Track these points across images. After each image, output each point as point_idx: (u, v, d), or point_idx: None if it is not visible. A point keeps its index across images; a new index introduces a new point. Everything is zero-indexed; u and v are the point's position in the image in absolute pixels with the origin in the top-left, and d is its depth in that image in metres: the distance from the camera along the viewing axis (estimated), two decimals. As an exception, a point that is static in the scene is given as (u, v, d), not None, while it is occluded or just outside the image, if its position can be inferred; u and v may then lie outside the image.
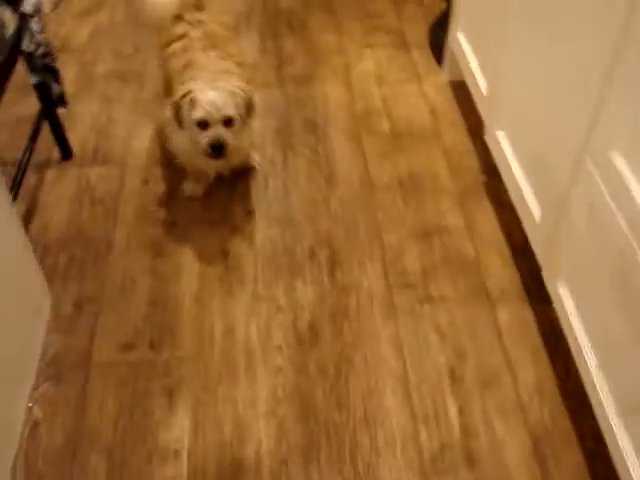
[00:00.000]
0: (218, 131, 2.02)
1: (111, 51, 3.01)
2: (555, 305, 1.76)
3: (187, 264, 2.13)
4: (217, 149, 2.03)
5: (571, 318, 1.66)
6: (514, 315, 1.98)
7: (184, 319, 1.97)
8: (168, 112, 2.13)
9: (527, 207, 1.90)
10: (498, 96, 2.16)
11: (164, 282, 2.07)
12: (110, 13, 3.26)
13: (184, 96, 2.01)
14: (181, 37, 2.22)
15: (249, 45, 3.03)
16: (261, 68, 2.91)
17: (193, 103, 1.99)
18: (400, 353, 1.90)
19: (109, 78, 2.85)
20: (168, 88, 2.22)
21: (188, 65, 2.12)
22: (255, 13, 3.25)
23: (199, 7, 2.30)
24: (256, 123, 2.25)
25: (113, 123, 2.64)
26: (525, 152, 1.95)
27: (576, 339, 1.63)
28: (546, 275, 1.83)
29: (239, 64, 2.21)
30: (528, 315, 1.98)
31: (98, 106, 2.71)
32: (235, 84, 2.05)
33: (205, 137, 2.02)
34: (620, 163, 1.40)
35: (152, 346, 1.92)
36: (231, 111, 2.02)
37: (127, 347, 1.92)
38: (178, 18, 2.27)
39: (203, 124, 2.01)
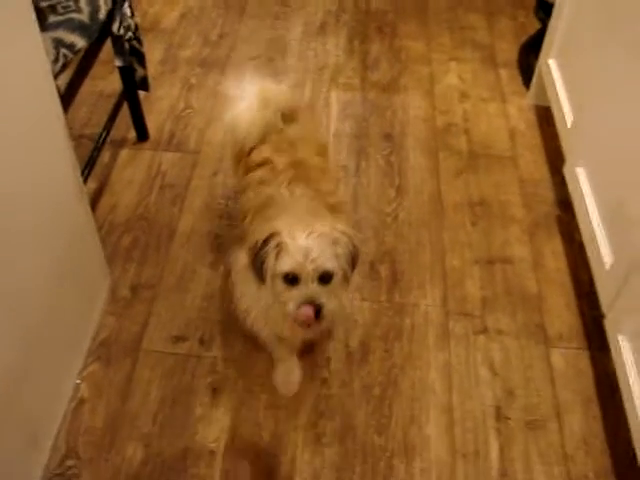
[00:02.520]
0: (312, 289, 1.49)
1: (198, 36, 3.01)
2: (614, 357, 1.71)
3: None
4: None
5: (629, 374, 1.61)
6: (570, 359, 1.92)
7: (237, 319, 1.97)
8: (242, 259, 1.65)
9: (598, 251, 1.84)
10: (583, 130, 2.10)
11: (222, 278, 2.08)
12: (201, -3, 3.28)
13: (267, 240, 1.50)
14: (262, 164, 1.77)
15: (335, 44, 3.00)
16: (344, 69, 2.88)
17: (279, 250, 1.49)
18: (448, 383, 1.87)
19: (192, 64, 2.86)
20: (241, 227, 1.78)
21: (267, 204, 1.67)
22: (346, 12, 3.22)
23: (290, 119, 1.89)
24: (356, 278, 1.71)
25: (191, 111, 2.65)
26: (604, 194, 1.89)
27: (632, 397, 1.58)
28: (608, 324, 1.77)
29: (333, 207, 1.70)
30: (584, 361, 1.92)
31: (178, 91, 2.73)
32: (337, 227, 1.52)
33: (294, 297, 1.49)
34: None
35: (202, 342, 1.93)
36: (330, 264, 1.49)
37: (178, 339, 1.94)
38: (263, 140, 1.84)
39: (292, 279, 1.49)
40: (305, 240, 1.47)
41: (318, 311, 1.48)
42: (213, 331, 1.95)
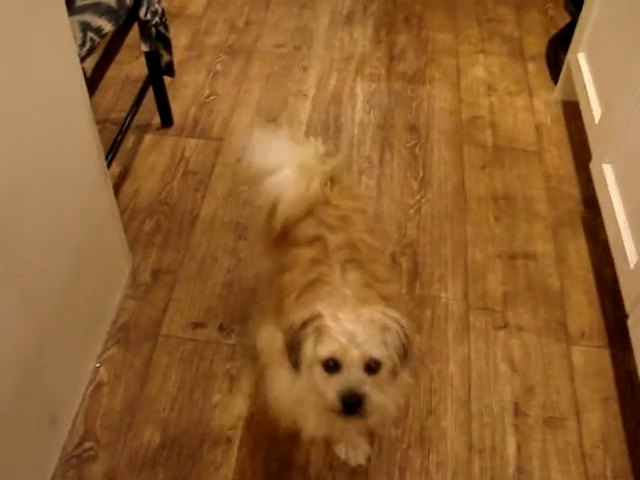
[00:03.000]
0: (355, 377, 1.28)
1: (224, 23, 3.01)
2: (636, 356, 1.69)
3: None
4: (351, 406, 1.29)
5: (651, 375, 1.59)
6: (591, 357, 1.91)
7: (257, 307, 1.97)
8: (275, 339, 1.48)
9: (623, 250, 1.82)
10: (611, 127, 2.07)
11: (243, 266, 2.08)
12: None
13: (307, 322, 1.32)
14: (312, 242, 1.55)
15: (362, 34, 2.98)
16: (371, 59, 2.87)
17: (320, 333, 1.30)
18: (467, 377, 1.86)
19: (218, 51, 2.86)
20: (278, 304, 1.56)
21: (316, 283, 1.47)
22: (373, 2, 3.20)
23: (334, 185, 1.65)
24: (406, 376, 1.45)
25: (216, 97, 2.65)
26: (632, 192, 1.87)
27: (653, 398, 1.56)
28: (631, 323, 1.75)
29: (387, 298, 1.47)
30: (605, 360, 1.90)
31: (203, 78, 2.72)
32: (387, 313, 1.33)
33: (333, 385, 1.29)
34: None
35: (222, 328, 1.93)
36: (378, 351, 1.29)
37: (197, 325, 1.94)
38: (308, 213, 1.60)
39: (333, 365, 1.29)
40: (350, 324, 1.28)
41: (361, 403, 1.28)
42: (232, 318, 1.95)
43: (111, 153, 2.11)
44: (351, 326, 1.28)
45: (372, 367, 1.29)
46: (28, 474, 1.57)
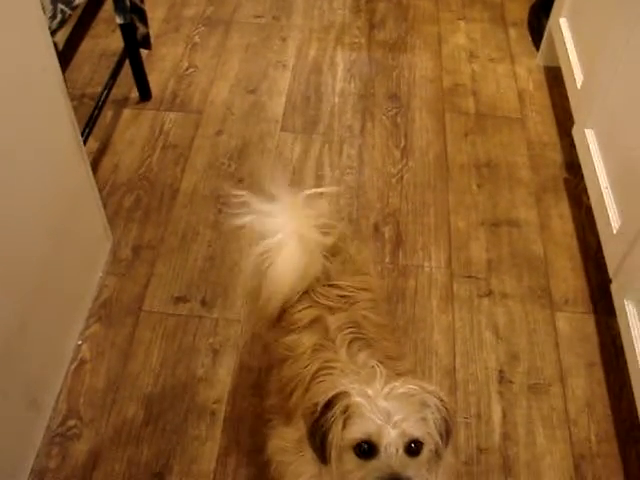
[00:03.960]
0: (395, 461, 1.07)
1: (202, -7, 2.96)
2: (619, 321, 1.69)
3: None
4: None
5: (635, 339, 1.59)
6: (575, 323, 1.90)
7: (239, 281, 1.95)
8: (290, 433, 1.31)
9: (606, 215, 1.81)
10: (593, 91, 2.05)
11: (225, 239, 2.06)
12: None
13: (331, 402, 1.12)
14: (311, 325, 1.38)
15: (341, 2, 2.94)
16: (350, 28, 2.83)
17: (349, 414, 1.11)
18: (452, 346, 1.85)
19: (196, 22, 2.81)
20: (283, 404, 1.38)
21: (322, 372, 1.29)
22: (353, -30, 3.15)
23: (333, 255, 1.46)
24: (448, 456, 1.24)
25: (194, 70, 2.61)
26: (614, 156, 1.85)
27: (637, 361, 1.56)
28: (615, 288, 1.74)
29: (402, 376, 1.22)
30: (589, 326, 1.90)
31: (182, 51, 2.68)
32: (423, 386, 1.15)
33: (371, 472, 1.08)
34: None
35: (204, 303, 1.92)
36: (418, 430, 1.10)
37: (179, 300, 1.92)
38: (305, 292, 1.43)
39: (367, 449, 1.09)
40: (384, 400, 1.10)
41: None
42: (215, 292, 1.94)
43: (88, 128, 2.07)
44: (385, 402, 1.10)
45: (413, 449, 1.09)
46: (12, 453, 1.55)
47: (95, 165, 2.20)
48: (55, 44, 1.62)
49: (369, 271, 1.54)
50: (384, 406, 1.09)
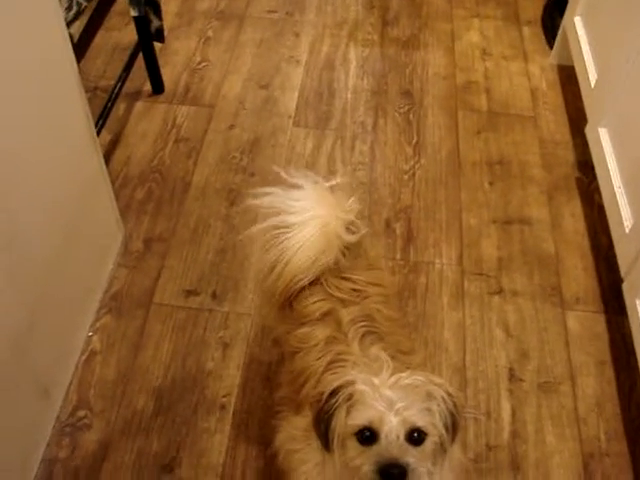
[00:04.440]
0: (395, 447, 1.07)
1: (215, -12, 2.97)
2: (630, 320, 1.68)
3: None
4: (392, 478, 1.06)
5: (646, 339, 1.59)
6: (585, 322, 1.90)
7: (250, 275, 1.95)
8: (298, 421, 1.32)
9: (618, 214, 1.80)
10: (607, 90, 2.05)
11: (236, 233, 2.06)
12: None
13: (337, 390, 1.13)
14: (323, 318, 1.38)
15: (354, 1, 2.94)
16: (364, 25, 2.83)
17: (353, 402, 1.12)
18: (462, 343, 1.85)
19: (209, 16, 2.81)
20: (294, 395, 1.38)
21: (335, 364, 1.30)
22: (367, -34, 3.15)
23: (350, 252, 1.45)
24: (458, 453, 1.25)
25: (207, 64, 2.61)
26: (628, 156, 1.85)
27: (647, 361, 1.56)
28: (626, 288, 1.74)
29: (414, 370, 1.20)
30: (600, 325, 1.89)
31: (195, 45, 2.68)
32: (430, 378, 1.14)
33: (371, 457, 1.08)
34: None
35: (215, 296, 1.92)
36: (422, 419, 1.09)
37: (190, 293, 1.93)
38: (315, 280, 1.42)
39: (369, 436, 1.09)
40: (388, 389, 1.10)
41: (403, 477, 1.06)
42: (226, 286, 1.94)
43: (101, 120, 2.08)
44: (389, 392, 1.10)
45: (415, 438, 1.09)
46: (23, 443, 1.56)
47: (107, 158, 2.21)
48: (70, 36, 1.63)
49: (381, 266, 1.54)
50: (388, 394, 1.09)
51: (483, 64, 2.69)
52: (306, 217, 1.40)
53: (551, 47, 2.74)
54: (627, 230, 1.75)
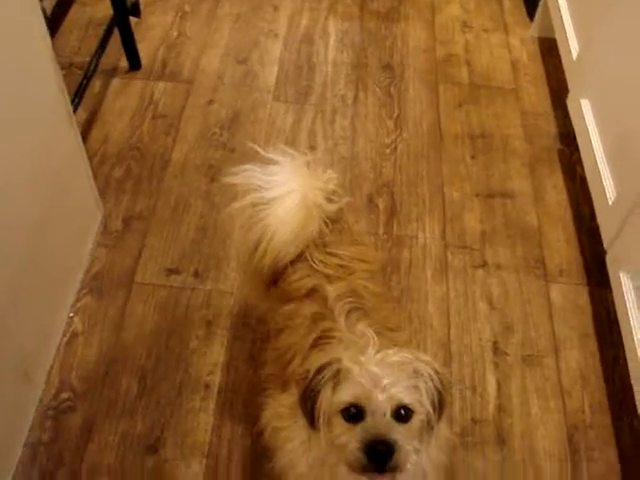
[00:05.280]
0: (382, 424, 1.06)
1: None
2: (614, 293, 1.68)
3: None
4: (379, 456, 1.05)
5: (630, 311, 1.59)
6: (569, 295, 1.90)
7: (232, 252, 1.93)
8: (284, 399, 1.30)
9: (601, 186, 1.80)
10: (589, 61, 2.03)
11: (217, 210, 2.03)
12: None
13: (323, 367, 1.12)
14: (309, 294, 1.36)
15: None
16: (343, -3, 2.79)
17: (339, 379, 1.10)
18: (446, 317, 1.84)
19: (187, -11, 2.77)
20: (281, 372, 1.36)
21: (321, 340, 1.28)
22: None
23: (333, 224, 1.43)
24: (444, 430, 1.26)
25: (185, 39, 2.57)
26: (610, 127, 1.84)
27: (631, 333, 1.56)
28: (609, 260, 1.74)
29: (400, 346, 1.20)
30: (583, 297, 1.90)
31: (171, 19, 2.64)
32: (418, 355, 1.13)
33: (357, 434, 1.07)
34: None
35: (197, 274, 1.90)
36: (408, 396, 1.08)
37: (171, 271, 1.91)
38: (300, 256, 1.40)
39: (355, 413, 1.08)
40: (375, 366, 1.08)
41: (390, 453, 1.05)
42: (207, 264, 1.92)
43: (77, 98, 2.04)
44: (376, 368, 1.08)
45: (402, 415, 1.08)
46: (5, 427, 1.54)
47: (85, 136, 2.17)
48: (43, 9, 1.59)
49: (365, 242, 1.53)
50: (374, 371, 1.08)
51: (463, 37, 2.67)
52: (283, 191, 1.38)
53: (532, 19, 2.72)
54: (610, 202, 1.75)
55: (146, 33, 2.57)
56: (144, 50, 2.47)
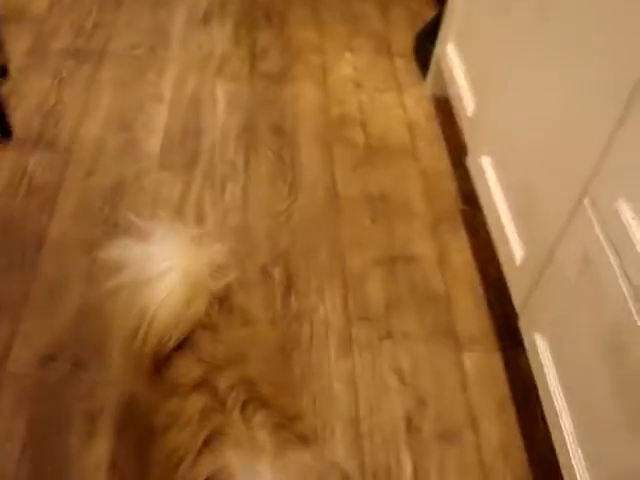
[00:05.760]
0: None
1: (71, 26, 2.75)
2: (530, 357, 1.58)
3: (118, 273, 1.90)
4: None
5: (547, 373, 1.49)
6: (482, 362, 1.79)
7: (116, 337, 1.74)
8: None
9: (508, 245, 1.72)
10: (486, 118, 1.98)
11: (99, 291, 1.84)
12: (74, -16, 3.01)
13: (212, 477, 1.01)
14: (198, 386, 1.18)
15: (220, 33, 2.80)
16: (231, 59, 2.69)
17: None
18: (354, 394, 1.70)
19: (65, 55, 2.60)
20: (170, 469, 1.15)
21: (213, 439, 1.10)
22: (231, 2, 3.02)
23: (221, 303, 1.28)
24: None
25: (62, 106, 2.39)
26: (512, 184, 1.77)
27: (550, 397, 1.45)
28: (523, 323, 1.64)
29: (305, 438, 1.15)
30: (497, 363, 1.79)
31: (48, 85, 2.46)
32: (321, 458, 1.04)
33: None
34: (625, 212, 1.22)
35: (76, 362, 1.70)
36: None
37: (48, 359, 1.70)
38: (185, 341, 1.23)
39: None
40: (273, 475, 0.95)
41: None
42: (89, 350, 1.72)
43: (-63, 171, 1.84)
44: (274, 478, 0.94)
45: None
46: None
47: (-52, 213, 1.96)
48: None
49: (259, 319, 1.38)
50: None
51: (357, 97, 2.60)
52: (163, 268, 1.23)
53: (425, 78, 2.68)
54: (518, 262, 1.66)
55: (19, 101, 2.38)
56: (17, 117, 2.28)
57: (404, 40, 2.90)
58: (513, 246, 1.70)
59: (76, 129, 2.31)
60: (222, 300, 1.27)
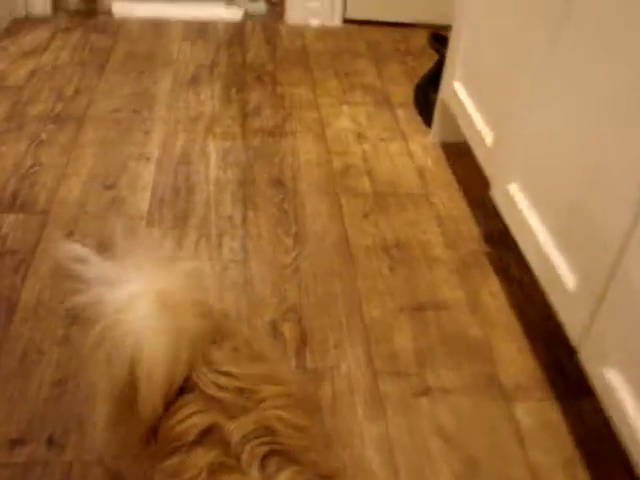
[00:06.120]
0: None
1: (50, 92, 2.57)
2: (601, 397, 1.31)
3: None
4: None
5: (627, 411, 1.21)
6: (537, 412, 1.51)
7: (98, 409, 1.46)
8: None
9: (555, 272, 1.47)
10: (509, 145, 1.77)
11: (77, 359, 1.57)
12: (54, 55, 2.85)
13: None
14: (204, 437, 0.92)
15: (209, 94, 2.63)
16: (222, 118, 2.50)
17: None
18: (391, 460, 1.41)
19: (44, 120, 2.40)
20: None
21: None
22: (220, 66, 2.86)
23: (232, 346, 1.02)
24: None
25: (40, 168, 2.17)
26: (550, 203, 1.54)
27: (636, 437, 1.18)
28: (585, 358, 1.37)
29: None
30: (554, 412, 1.51)
31: (25, 148, 2.25)
32: None
33: None
34: None
35: (51, 442, 1.41)
36: None
37: (16, 442, 1.40)
38: (186, 386, 0.97)
39: None
40: None
41: None
42: (66, 427, 1.43)
43: None
44: None
45: None
46: None
47: None
48: None
49: (275, 356, 1.11)
50: None
51: (360, 147, 2.40)
52: (143, 310, 0.98)
53: (429, 126, 2.50)
54: (571, 289, 1.41)
55: (-6, 163, 2.17)
56: (-11, 183, 2.07)
57: (403, 92, 2.75)
58: (562, 271, 1.45)
59: (55, 190, 2.08)
60: (224, 336, 1.02)
